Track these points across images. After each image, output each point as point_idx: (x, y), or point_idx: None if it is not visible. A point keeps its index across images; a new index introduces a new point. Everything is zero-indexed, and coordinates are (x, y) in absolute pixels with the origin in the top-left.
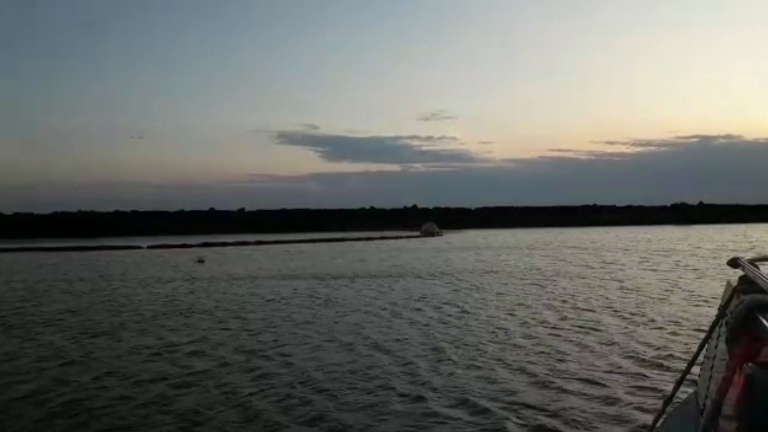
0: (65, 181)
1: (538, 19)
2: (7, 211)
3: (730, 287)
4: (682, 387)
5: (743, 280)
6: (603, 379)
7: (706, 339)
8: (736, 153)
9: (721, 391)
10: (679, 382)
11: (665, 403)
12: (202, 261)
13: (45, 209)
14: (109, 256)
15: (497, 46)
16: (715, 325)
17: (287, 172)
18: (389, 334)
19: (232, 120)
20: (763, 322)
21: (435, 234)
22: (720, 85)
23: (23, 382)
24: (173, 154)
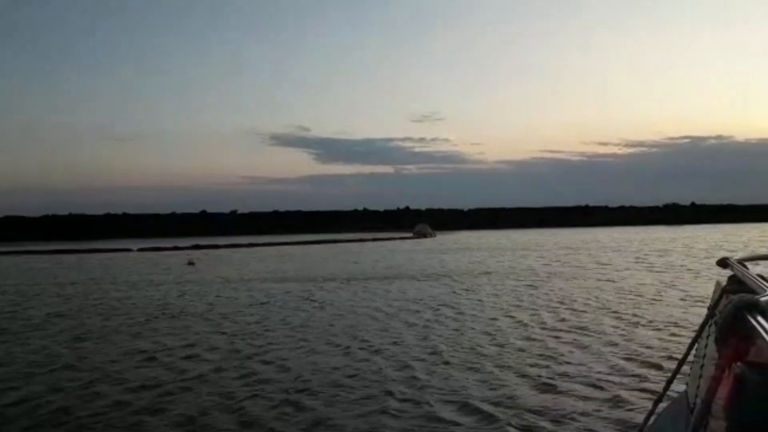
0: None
1: (530, 20)
2: None
3: (720, 287)
4: (673, 386)
5: (732, 280)
6: (599, 379)
7: (696, 338)
8: (727, 153)
9: (711, 390)
10: (670, 382)
11: (656, 402)
12: (192, 263)
13: (36, 212)
14: (100, 259)
15: (489, 47)
16: (704, 325)
17: (279, 174)
18: (385, 337)
19: (224, 122)
20: (752, 321)
21: (428, 235)
22: (710, 86)
23: (13, 388)
24: (165, 156)
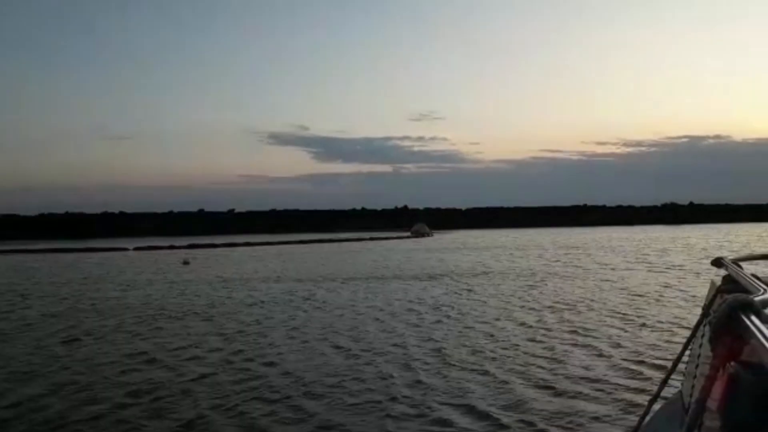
0: (53, 182)
1: (529, 19)
2: None
3: (714, 287)
4: (668, 386)
5: (727, 279)
6: (597, 380)
7: (691, 338)
8: (725, 153)
9: (705, 390)
10: (664, 381)
11: (651, 401)
12: (187, 263)
13: (32, 211)
14: (95, 258)
15: (488, 47)
16: (699, 324)
17: (278, 173)
18: (386, 338)
19: (222, 121)
20: (745, 321)
21: (425, 234)
22: (709, 86)
23: (8, 390)
24: (163, 155)
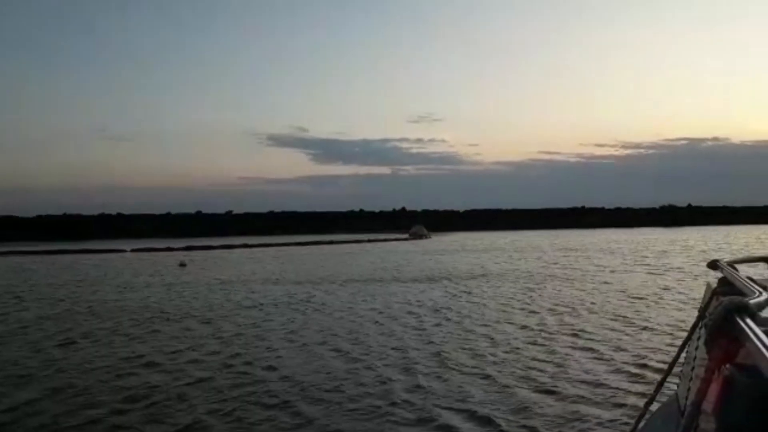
0: (51, 183)
1: (528, 21)
2: None
3: (710, 289)
4: (664, 388)
5: (722, 282)
6: (596, 383)
7: (687, 340)
8: (724, 155)
9: (701, 393)
10: (661, 384)
11: (647, 404)
12: (184, 265)
13: (30, 212)
14: (92, 260)
15: (487, 48)
16: (695, 327)
17: (276, 174)
18: (385, 341)
19: (221, 122)
20: (741, 324)
21: (423, 236)
22: (707, 87)
23: (3, 395)
24: (161, 156)
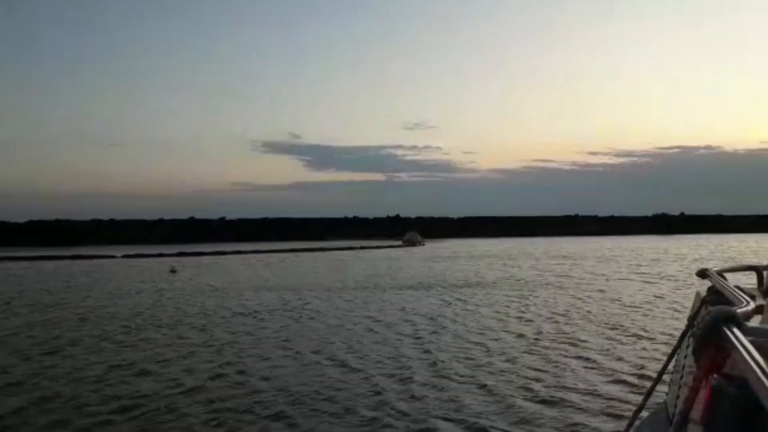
0: (43, 189)
1: (522, 30)
2: None
3: (699, 298)
4: (654, 396)
5: (711, 291)
6: (589, 391)
7: (676, 349)
8: (717, 163)
9: (689, 401)
10: (650, 392)
11: (636, 412)
12: (174, 271)
13: (21, 218)
14: (83, 266)
15: (482, 56)
16: (684, 336)
17: (270, 180)
18: (379, 350)
19: (215, 128)
20: (728, 333)
21: (417, 243)
22: (701, 96)
23: None
24: (154, 162)
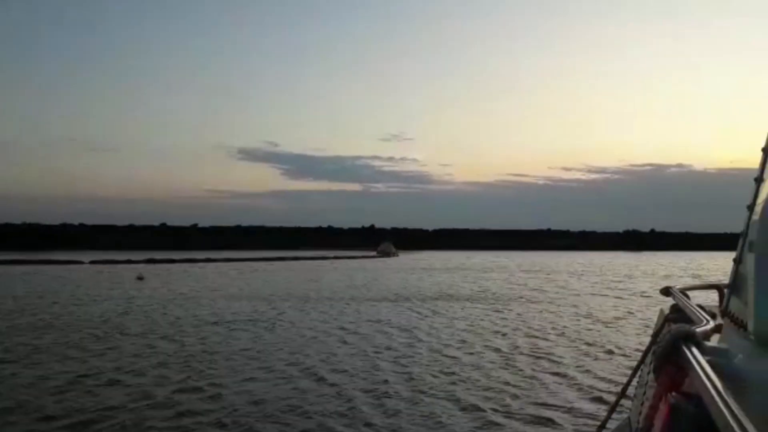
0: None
1: (499, 47)
2: None
3: (663, 315)
4: (617, 411)
5: (674, 308)
6: (563, 406)
7: (639, 365)
8: (687, 182)
9: (648, 418)
10: (613, 407)
11: (600, 427)
12: (141, 278)
13: None
14: (50, 271)
15: (460, 72)
16: (647, 352)
17: (246, 188)
18: (333, 364)
19: (191, 135)
20: (686, 353)
21: (391, 254)
22: (673, 116)
23: None
24: (128, 167)
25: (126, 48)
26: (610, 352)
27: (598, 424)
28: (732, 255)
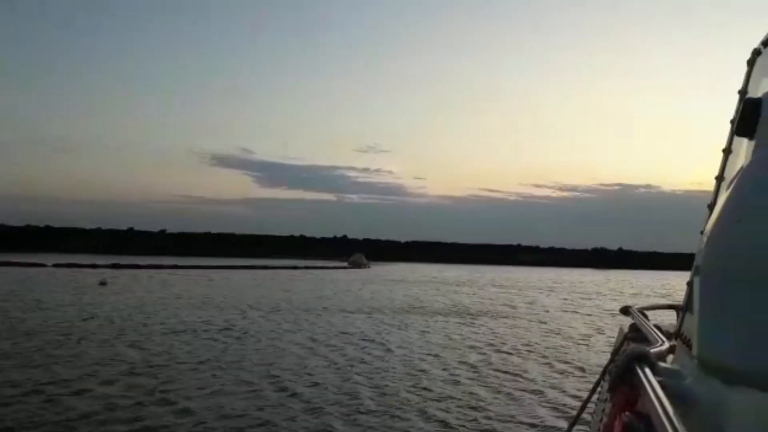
0: None
1: (475, 63)
2: None
3: (622, 334)
4: (577, 428)
5: (633, 328)
6: (530, 423)
7: (598, 382)
8: (655, 202)
9: None
10: (572, 425)
11: None
12: (104, 284)
13: None
14: (9, 274)
15: (435, 88)
16: (606, 370)
17: (218, 194)
18: (303, 377)
19: (164, 139)
20: (639, 373)
21: (363, 266)
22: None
23: None
24: (97, 169)
25: (96, 48)
26: (580, 369)
27: None
28: None
